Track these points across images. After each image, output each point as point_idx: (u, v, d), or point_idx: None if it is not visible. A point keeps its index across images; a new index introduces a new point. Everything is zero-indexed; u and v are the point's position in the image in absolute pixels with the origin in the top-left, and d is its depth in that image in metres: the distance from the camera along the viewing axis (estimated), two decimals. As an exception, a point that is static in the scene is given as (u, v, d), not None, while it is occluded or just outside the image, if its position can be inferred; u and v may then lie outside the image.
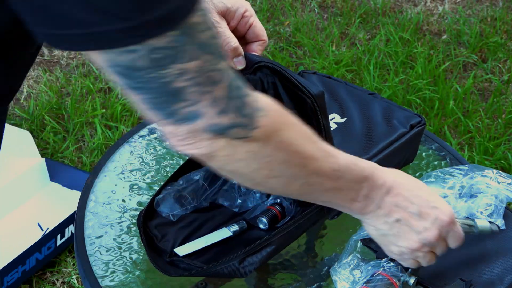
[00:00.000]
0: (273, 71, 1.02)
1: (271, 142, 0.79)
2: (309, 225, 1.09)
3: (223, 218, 1.12)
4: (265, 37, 1.07)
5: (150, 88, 0.70)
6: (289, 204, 1.09)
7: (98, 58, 0.70)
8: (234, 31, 1.05)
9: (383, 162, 1.18)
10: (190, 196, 1.12)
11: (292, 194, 0.95)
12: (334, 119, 1.23)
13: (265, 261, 1.04)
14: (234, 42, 1.01)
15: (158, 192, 1.13)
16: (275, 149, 0.80)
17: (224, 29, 1.02)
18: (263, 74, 1.03)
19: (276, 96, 1.04)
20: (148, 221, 1.10)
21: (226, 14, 1.03)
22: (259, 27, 1.06)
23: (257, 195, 1.14)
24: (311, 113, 1.00)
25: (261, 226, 1.08)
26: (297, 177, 0.85)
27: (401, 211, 0.93)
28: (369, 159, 1.15)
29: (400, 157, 1.22)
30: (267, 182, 0.84)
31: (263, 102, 0.79)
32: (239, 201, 1.13)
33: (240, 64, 1.02)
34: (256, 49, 1.06)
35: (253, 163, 0.80)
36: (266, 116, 0.78)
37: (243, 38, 1.07)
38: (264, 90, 1.04)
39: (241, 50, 1.02)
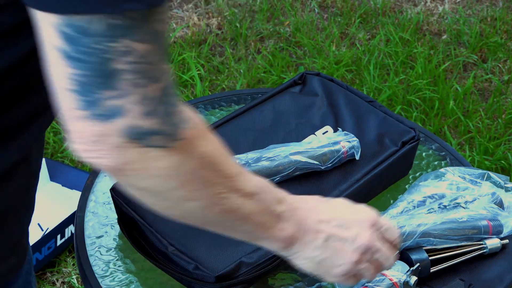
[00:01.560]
0: None
1: (193, 157, 0.71)
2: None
3: None
4: None
5: (89, 62, 0.64)
6: None
7: (51, 18, 0.63)
8: None
9: (373, 182, 1.18)
10: None
11: (209, 222, 0.81)
12: (327, 133, 1.23)
13: None
14: None
15: None
16: (198, 165, 0.72)
17: None
18: None
19: None
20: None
21: None
22: None
23: None
24: None
25: None
26: (218, 200, 0.76)
27: (326, 227, 0.86)
28: (349, 186, 1.16)
29: (391, 173, 1.22)
30: (183, 205, 0.75)
31: (188, 113, 0.72)
32: None
33: None
34: None
35: (170, 181, 0.71)
36: (190, 128, 0.71)
37: None
38: None
39: None
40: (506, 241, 1.10)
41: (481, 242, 1.09)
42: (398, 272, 1.01)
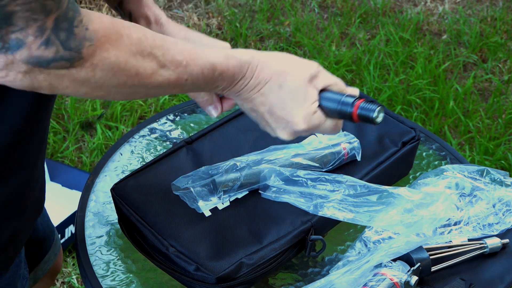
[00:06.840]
0: None
1: (97, 70, 0.79)
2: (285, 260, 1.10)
3: None
4: None
5: None
6: None
7: None
8: None
9: (373, 182, 1.18)
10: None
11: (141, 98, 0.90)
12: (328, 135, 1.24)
13: None
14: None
15: None
16: (104, 76, 0.80)
17: None
18: None
19: None
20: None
21: None
22: None
23: None
24: None
25: None
26: (138, 93, 0.85)
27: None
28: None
29: (392, 174, 1.22)
30: (105, 97, 0.84)
31: (94, 26, 0.78)
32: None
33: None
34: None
35: (81, 88, 0.80)
36: (93, 45, 0.77)
37: None
38: None
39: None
40: (507, 240, 1.10)
41: (481, 242, 1.09)
42: (399, 272, 1.01)
